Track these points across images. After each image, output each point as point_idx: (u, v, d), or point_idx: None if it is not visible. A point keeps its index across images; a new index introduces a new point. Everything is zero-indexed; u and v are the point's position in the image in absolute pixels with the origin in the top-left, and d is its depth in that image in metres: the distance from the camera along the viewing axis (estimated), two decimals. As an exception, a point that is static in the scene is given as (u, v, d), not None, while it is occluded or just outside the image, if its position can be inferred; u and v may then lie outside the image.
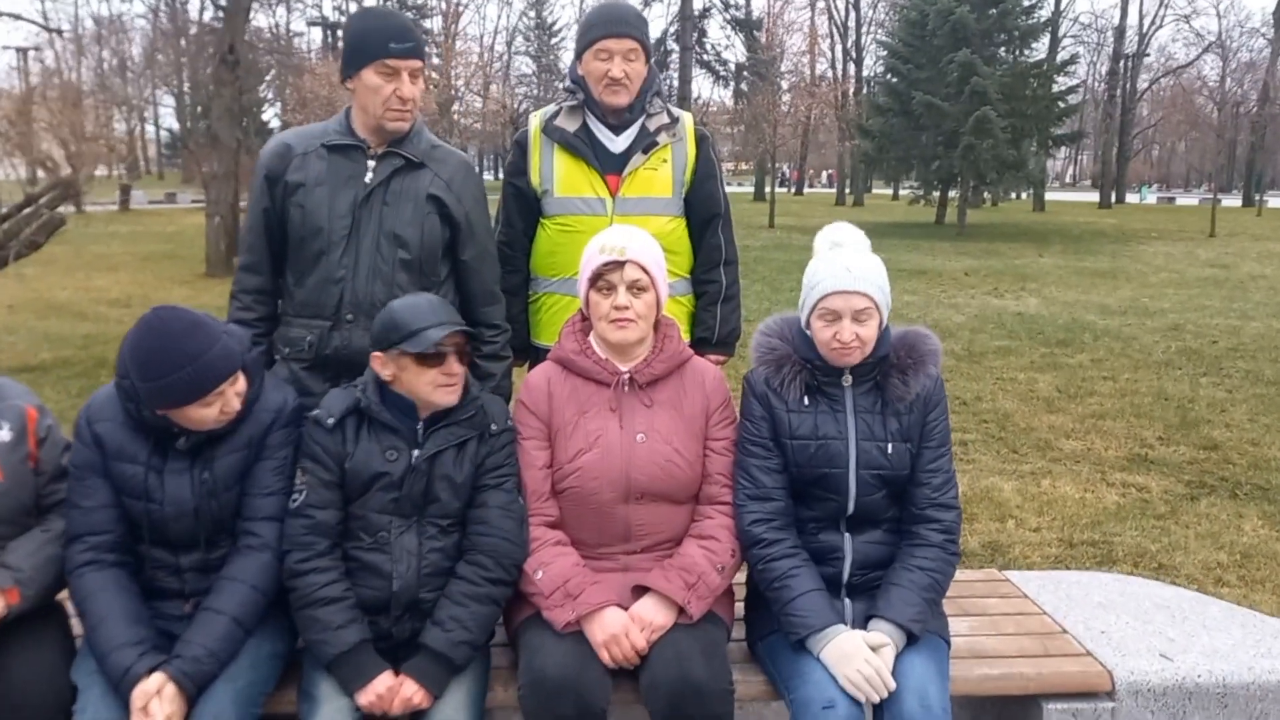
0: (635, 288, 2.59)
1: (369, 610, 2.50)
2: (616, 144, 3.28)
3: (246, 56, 19.78)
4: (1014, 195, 48.61)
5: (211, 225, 16.36)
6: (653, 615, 2.48)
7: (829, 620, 2.46)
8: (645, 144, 3.26)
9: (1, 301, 12.80)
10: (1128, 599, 3.27)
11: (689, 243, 3.39)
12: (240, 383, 2.45)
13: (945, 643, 2.60)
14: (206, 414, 2.38)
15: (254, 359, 2.55)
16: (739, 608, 2.85)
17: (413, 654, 2.47)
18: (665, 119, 3.30)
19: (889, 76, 32.03)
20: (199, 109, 46.19)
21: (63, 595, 2.54)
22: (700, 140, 3.36)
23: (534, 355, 3.45)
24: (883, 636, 2.43)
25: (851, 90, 48.31)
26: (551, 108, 3.38)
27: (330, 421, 2.53)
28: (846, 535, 2.64)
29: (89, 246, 19.62)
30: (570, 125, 3.29)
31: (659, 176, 3.29)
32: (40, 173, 12.09)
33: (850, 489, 2.59)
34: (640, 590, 2.55)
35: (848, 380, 2.61)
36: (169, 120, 59.34)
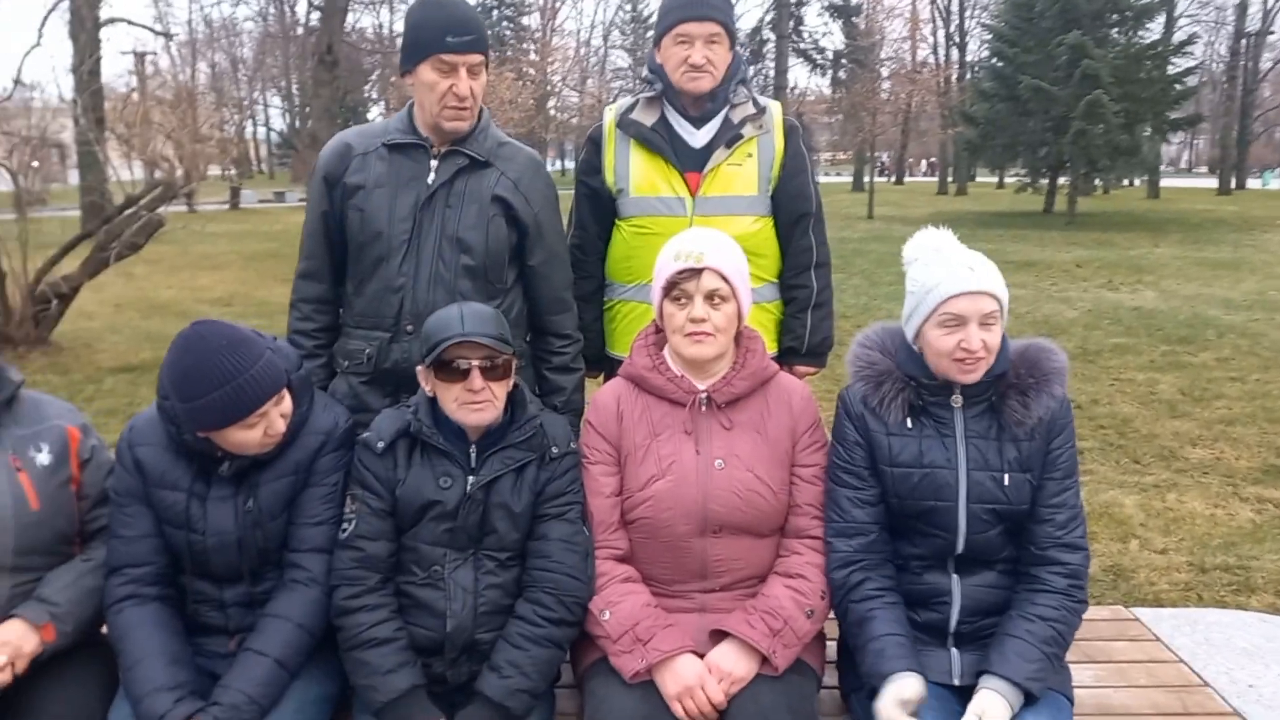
0: (714, 298, 2.33)
1: (422, 651, 2.30)
2: (697, 138, 3.02)
3: (347, 57, 20.07)
4: (1126, 182, 46.62)
5: (310, 224, 16.57)
6: (732, 665, 2.22)
7: (898, 667, 2.16)
8: (728, 137, 2.99)
9: (108, 300, 13.14)
10: (1278, 645, 2.88)
11: (776, 244, 3.12)
12: (286, 403, 2.26)
13: (1068, 700, 2.27)
14: (249, 437, 2.21)
15: (301, 378, 2.37)
16: (830, 648, 2.57)
17: (469, 700, 2.26)
18: (751, 109, 3.03)
19: (994, 61, 30.91)
20: (305, 109, 47.40)
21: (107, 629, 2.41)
22: (789, 131, 3.08)
23: (609, 367, 3.21)
24: (997, 703, 2.12)
25: (955, 76, 46.98)
26: (628, 100, 3.13)
27: (380, 445, 2.33)
28: (955, 577, 2.33)
29: (196, 246, 20.11)
30: (647, 119, 3.04)
31: (743, 173, 3.02)
32: (157, 173, 12.36)
33: (960, 525, 2.29)
34: (719, 635, 2.29)
35: (958, 401, 2.30)
36: (278, 121, 61.07)
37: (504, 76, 31.54)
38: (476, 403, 2.27)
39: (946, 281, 2.25)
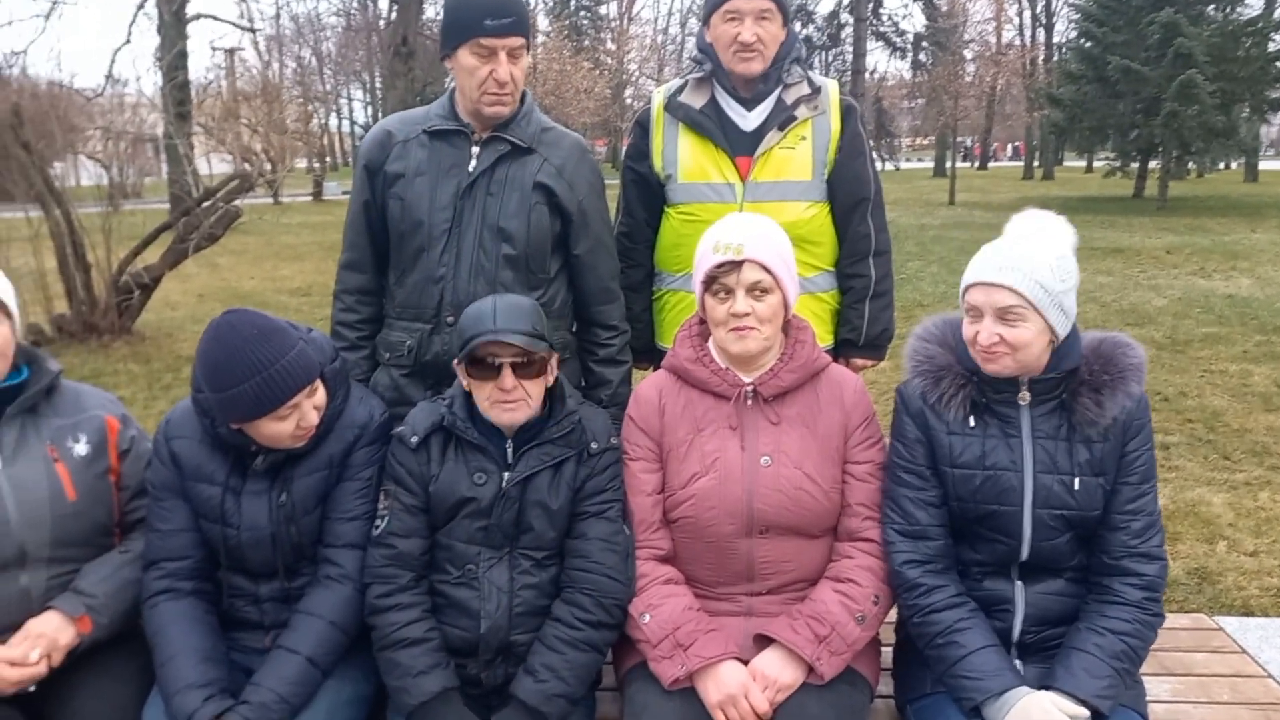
0: (756, 290, 2.21)
1: (457, 653, 2.24)
2: (748, 120, 2.89)
3: (423, 48, 20.23)
4: (1221, 165, 44.82)
5: (389, 214, 16.75)
6: (777, 672, 2.11)
7: (1009, 683, 2.02)
8: (781, 119, 2.85)
9: (192, 290, 13.45)
10: (1379, 659, 2.67)
11: (833, 231, 2.97)
12: (319, 395, 2.21)
13: (1142, 718, 2.11)
14: (281, 429, 2.16)
15: (336, 369, 2.32)
16: (885, 654, 2.44)
17: (505, 703, 2.19)
18: (805, 89, 2.88)
19: (1082, 41, 29.92)
20: (383, 102, 48.11)
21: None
22: (846, 112, 2.93)
23: (658, 359, 3.11)
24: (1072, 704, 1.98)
25: (1041, 57, 45.67)
26: (677, 82, 3.01)
27: (414, 440, 2.27)
28: (1018, 584, 2.18)
29: (280, 237, 20.53)
30: (696, 101, 2.92)
31: (797, 156, 2.88)
32: (246, 165, 12.67)
33: (1024, 531, 2.14)
34: (764, 640, 2.19)
35: (1025, 398, 2.15)
36: (360, 114, 62.15)
37: (580, 66, 31.57)
38: (508, 402, 2.20)
39: (969, 270, 2.14)
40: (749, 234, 2.22)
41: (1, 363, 2.20)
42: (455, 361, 2.25)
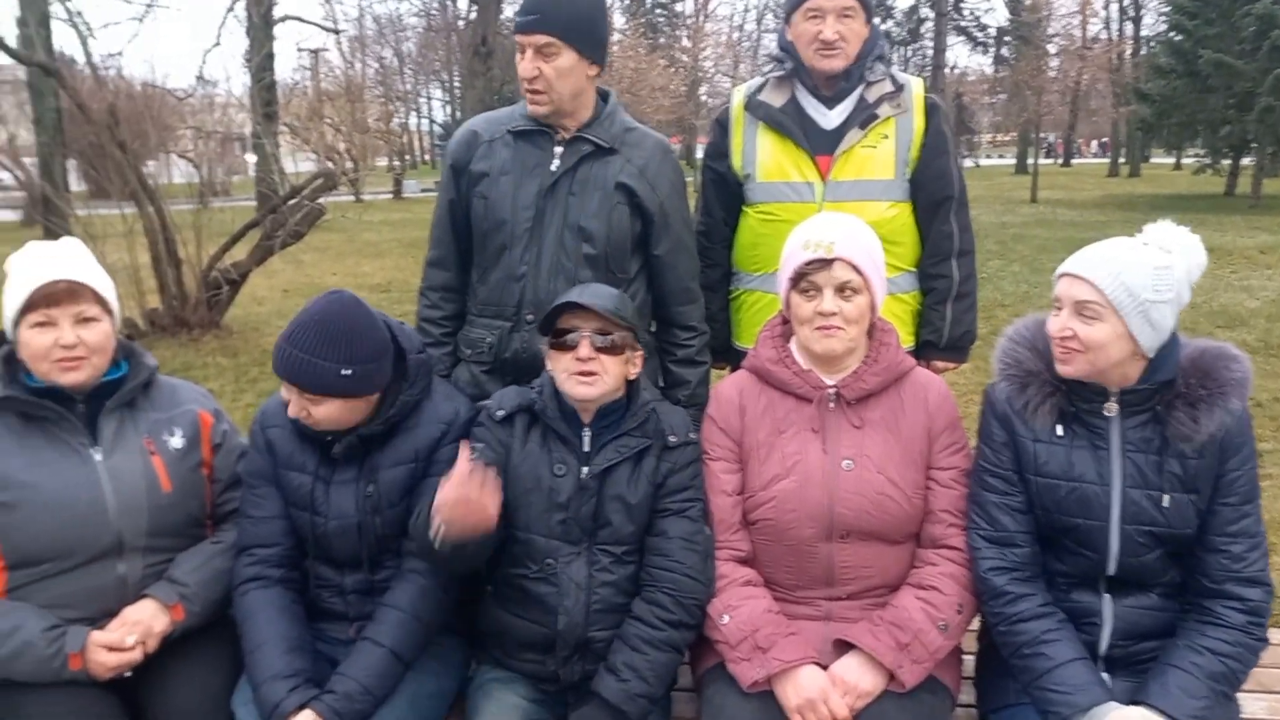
0: (845, 290, 2.19)
1: (533, 648, 2.26)
2: (829, 119, 2.86)
3: (502, 48, 20.45)
4: (1325, 161, 43.06)
5: (467, 213, 16.94)
6: (857, 678, 2.09)
7: (1097, 697, 1.97)
8: (863, 118, 2.82)
9: (278, 286, 13.77)
10: None
11: (915, 231, 2.93)
12: (320, 410, 2.22)
13: (1236, 738, 2.05)
14: (294, 401, 2.24)
15: (420, 360, 2.36)
16: (967, 663, 2.39)
17: (583, 700, 2.21)
18: (888, 87, 2.84)
19: (1171, 34, 29.02)
20: (462, 101, 48.70)
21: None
22: (930, 110, 2.88)
23: (735, 359, 3.10)
24: None
25: (1128, 51, 44.40)
26: (757, 80, 2.99)
27: (500, 414, 2.30)
28: (1106, 597, 2.12)
29: (361, 234, 20.90)
30: (776, 99, 2.89)
31: (879, 155, 2.84)
32: (329, 164, 12.96)
33: (1111, 547, 2.08)
34: (843, 646, 2.16)
35: (1112, 409, 2.08)
36: (439, 113, 63.02)
37: (655, 63, 31.57)
38: (585, 374, 2.21)
39: (1063, 262, 2.08)
40: (841, 232, 2.20)
41: (102, 358, 2.28)
42: (545, 342, 2.29)
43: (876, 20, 2.89)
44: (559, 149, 2.70)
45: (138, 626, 2.21)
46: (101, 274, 2.31)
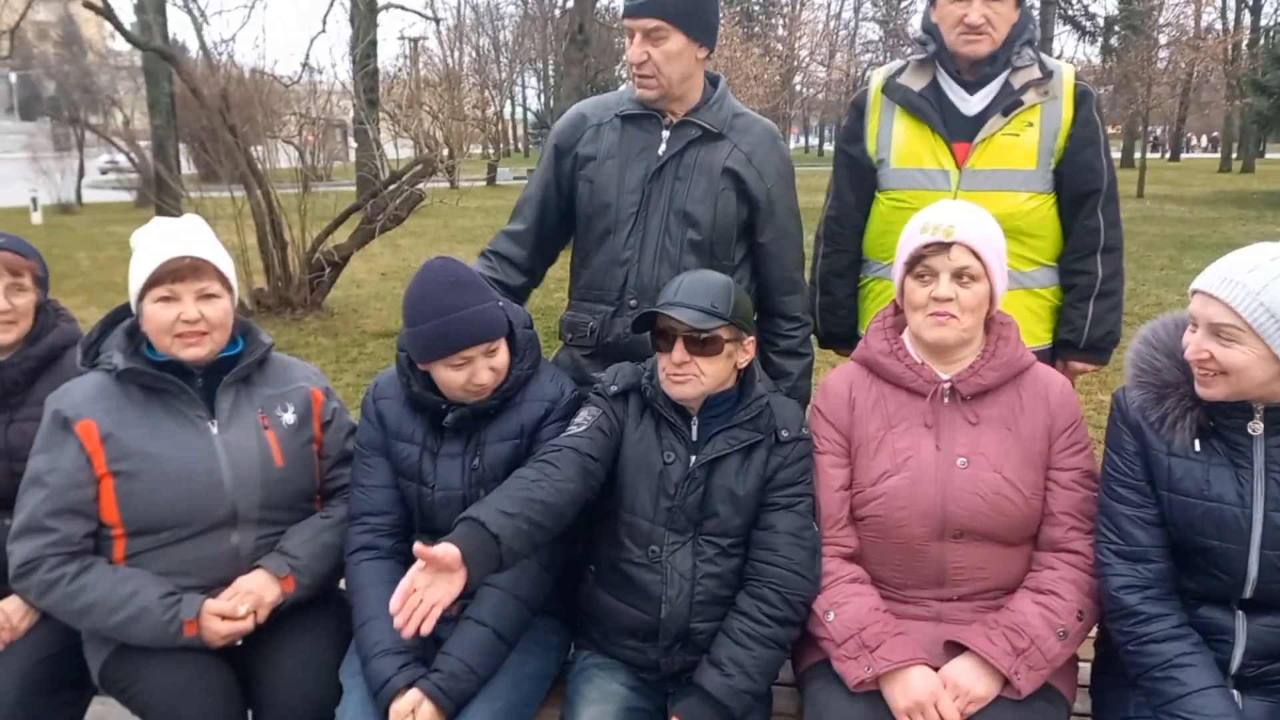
0: (963, 276, 2.11)
1: (633, 635, 2.24)
2: (971, 105, 2.76)
3: (598, 36, 20.51)
4: None
5: (560, 200, 17.07)
6: (970, 683, 2.02)
7: None
8: (1007, 104, 2.71)
9: (375, 269, 14.06)
10: None
11: (1056, 224, 2.81)
12: (498, 358, 2.26)
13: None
14: (453, 378, 2.23)
15: (529, 335, 2.37)
16: (1083, 671, 2.30)
17: (682, 690, 2.19)
18: (1035, 73, 2.73)
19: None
20: (557, 89, 49.07)
21: (344, 584, 2.50)
22: (1081, 99, 2.75)
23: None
24: None
25: (1245, 42, 42.51)
26: (897, 63, 2.90)
27: (614, 389, 2.29)
28: (1239, 614, 2.00)
29: (456, 220, 21.21)
30: (916, 83, 2.81)
31: (1020, 144, 2.73)
32: (427, 150, 13.21)
33: (1250, 571, 1.95)
34: (953, 649, 2.10)
35: (1257, 428, 1.95)
36: (534, 101, 63.56)
37: (750, 52, 31.31)
38: (678, 375, 2.18)
39: (1202, 274, 1.94)
40: (961, 217, 2.13)
41: (222, 334, 2.33)
42: (636, 332, 2.29)
43: (1029, 1, 2.77)
44: (666, 133, 2.68)
45: (249, 596, 2.26)
46: (223, 252, 2.36)
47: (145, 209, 23.56)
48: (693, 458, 2.21)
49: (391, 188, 10.19)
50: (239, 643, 2.27)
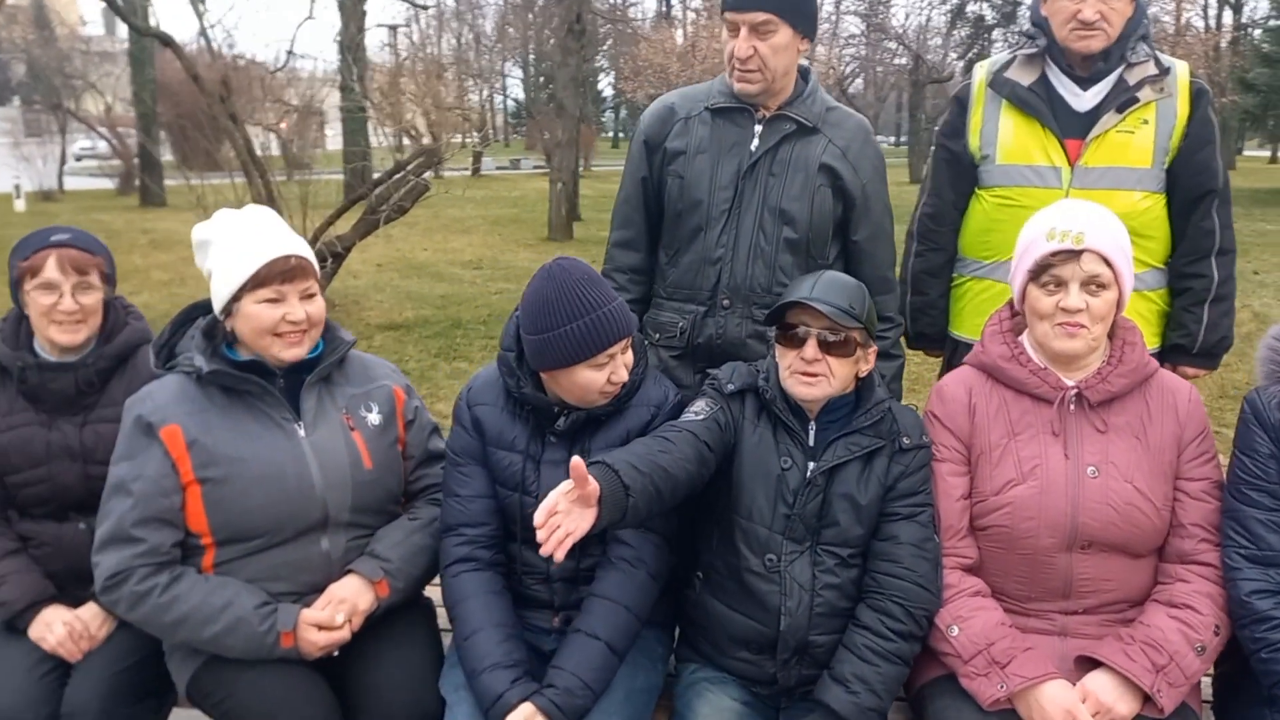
0: (1093, 285, 2.04)
1: (750, 647, 2.17)
2: (1083, 100, 2.69)
3: (593, 25, 20.43)
4: None
5: (555, 191, 16.99)
6: (1113, 700, 1.95)
7: None
8: (1121, 100, 2.64)
9: (371, 260, 13.91)
10: None
11: (1167, 225, 2.75)
12: (630, 354, 2.19)
13: None
14: (594, 378, 2.14)
15: (639, 341, 2.28)
16: (1204, 686, 2.25)
17: (801, 705, 2.13)
18: (1151, 69, 2.66)
19: (1271, 20, 27.91)
20: (541, 79, 48.68)
21: (430, 593, 2.41)
22: (1197, 96, 2.69)
23: (951, 348, 2.96)
24: None
25: (1226, 41, 42.82)
26: (1003, 56, 2.83)
27: (731, 388, 2.21)
28: (1378, 622, 1.96)
29: (446, 210, 21.04)
30: (1025, 77, 2.73)
31: (1136, 141, 2.66)
32: (405, 140, 13.08)
33: None
34: (1085, 664, 2.03)
35: None
36: (515, 91, 63.19)
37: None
38: (809, 375, 2.10)
39: None
40: (1090, 221, 2.06)
41: (318, 331, 2.25)
42: (768, 325, 2.22)
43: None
44: (759, 127, 2.60)
45: (345, 604, 2.18)
46: (308, 247, 2.27)
47: (128, 196, 23.26)
48: (810, 464, 2.14)
49: (396, 177, 10.04)
50: (335, 653, 2.18)
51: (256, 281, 2.12)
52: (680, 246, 2.66)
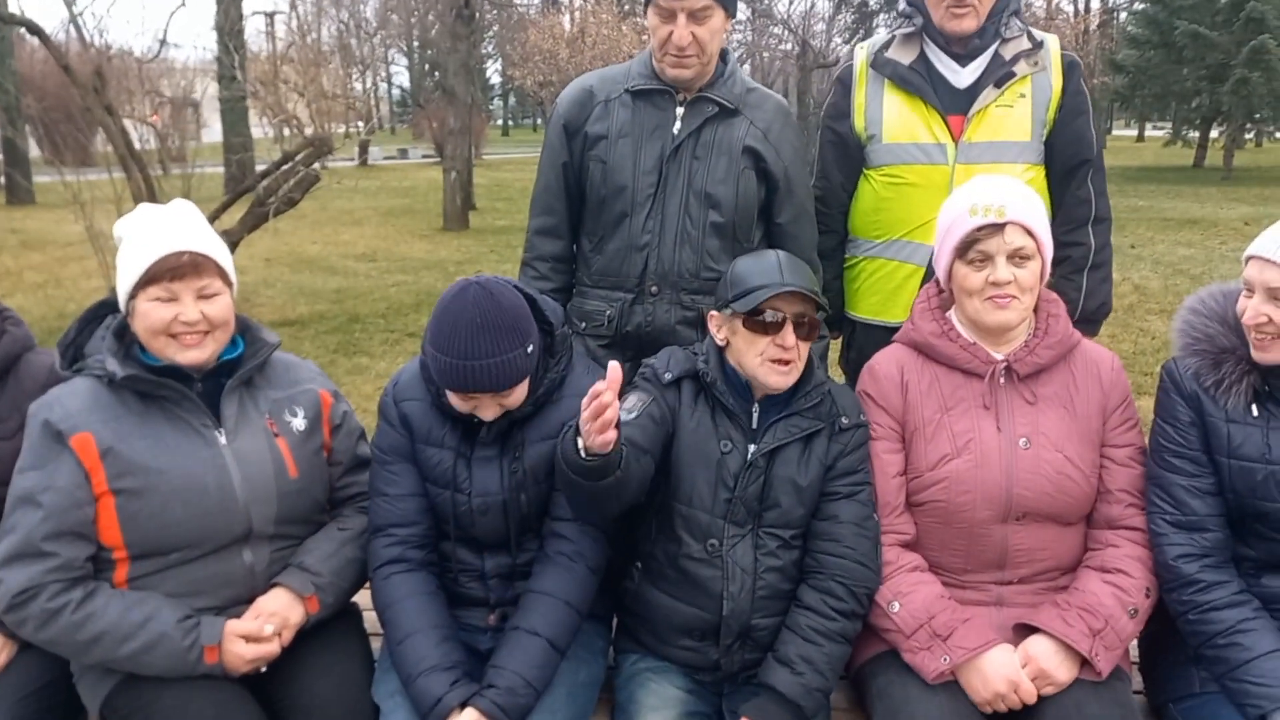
0: (1018, 257, 2.07)
1: (693, 634, 2.14)
2: (962, 77, 2.72)
3: (481, 11, 20.09)
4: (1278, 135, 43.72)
5: (448, 181, 16.68)
6: (1054, 666, 1.99)
7: None
8: (999, 75, 2.68)
9: (258, 255, 13.43)
10: None
11: (1047, 197, 2.80)
12: (512, 397, 2.09)
13: None
14: (459, 405, 2.10)
15: (564, 336, 2.23)
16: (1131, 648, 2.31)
17: (743, 690, 2.12)
18: (1025, 44, 2.71)
19: (1145, 5, 29.14)
20: (427, 67, 47.80)
21: (357, 597, 2.32)
22: (1069, 69, 2.75)
23: (848, 329, 2.98)
24: None
25: (1095, 25, 44.61)
26: (883, 36, 2.85)
27: (668, 377, 2.16)
28: (1298, 580, 2.04)
29: (334, 201, 20.47)
30: (905, 56, 2.75)
31: (1014, 115, 2.71)
32: (286, 131, 12.67)
33: None
34: (1023, 631, 2.07)
35: None
36: (401, 78, 61.95)
37: (625, 34, 31.18)
38: (784, 361, 2.08)
39: (1255, 240, 1.98)
40: (1010, 195, 2.09)
41: (224, 334, 2.12)
42: (719, 311, 2.16)
43: None
44: (680, 110, 2.57)
45: (274, 618, 2.07)
46: (221, 244, 2.15)
47: (-8, 192, 21.99)
48: (751, 446, 2.12)
49: (286, 168, 9.71)
50: (263, 669, 2.08)
51: (147, 279, 2.00)
52: (605, 233, 2.61)
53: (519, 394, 2.10)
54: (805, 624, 2.07)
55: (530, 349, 2.04)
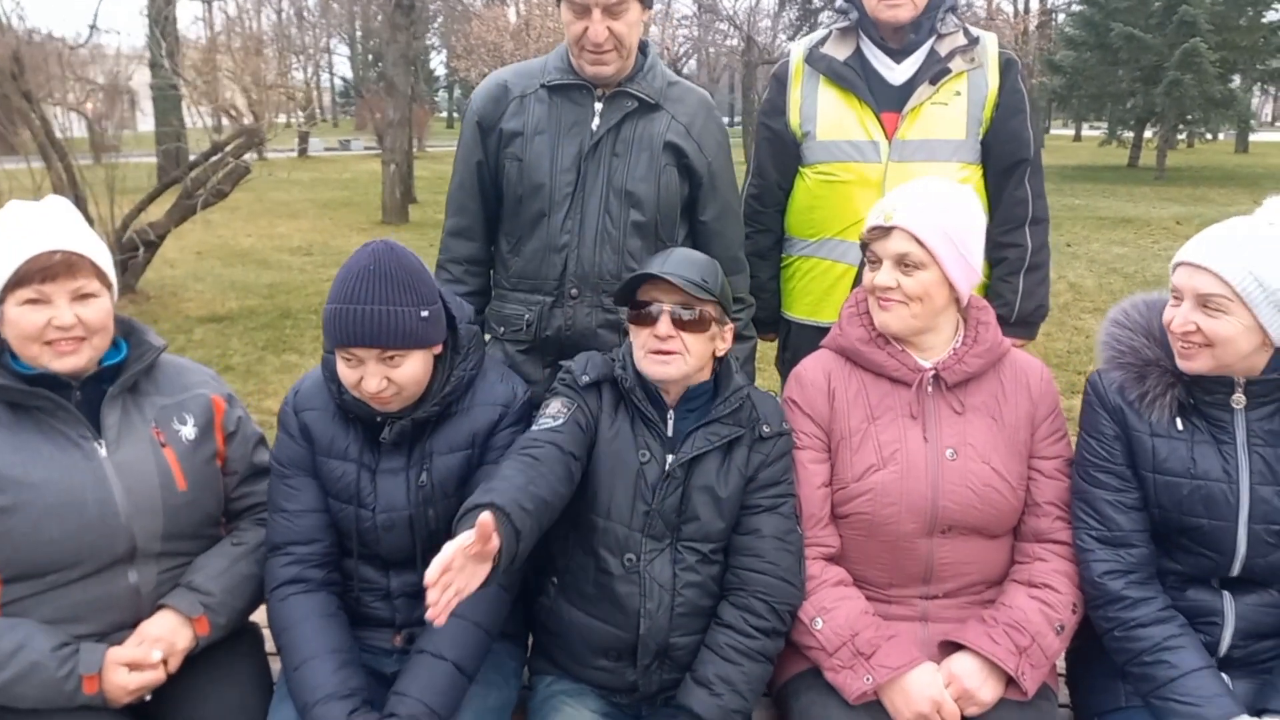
0: (903, 264, 2.01)
1: (608, 655, 2.05)
2: (897, 73, 2.65)
3: (421, 3, 19.73)
4: (1211, 136, 44.80)
5: (388, 173, 16.38)
6: (977, 685, 1.93)
7: (1228, 709, 1.84)
8: (934, 72, 2.62)
9: (189, 248, 13.08)
10: None
11: (985, 196, 2.74)
12: (400, 371, 1.94)
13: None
14: (345, 375, 1.97)
15: (473, 334, 2.11)
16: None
17: (660, 713, 2.03)
18: (961, 40, 2.64)
19: (1073, 6, 29.65)
20: (369, 57, 47.11)
21: (256, 615, 2.19)
22: (1006, 67, 2.69)
23: (785, 330, 2.90)
24: None
25: (1034, 26, 45.28)
26: (819, 33, 2.77)
27: (585, 379, 2.07)
28: (1226, 594, 1.99)
29: (270, 193, 20.06)
30: (841, 52, 2.68)
31: (949, 113, 2.64)
32: (225, 121, 12.35)
33: (1238, 548, 1.93)
34: (948, 648, 2.01)
35: (1239, 401, 1.93)
36: (343, 69, 60.95)
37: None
38: (663, 352, 1.99)
39: (1183, 247, 1.92)
40: (907, 201, 2.02)
41: (103, 339, 1.98)
42: (619, 305, 2.11)
43: None
44: (599, 105, 2.46)
45: (160, 643, 1.94)
46: (98, 242, 2.01)
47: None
48: (669, 456, 2.03)
49: (215, 159, 9.44)
50: (147, 698, 1.94)
51: (15, 281, 1.85)
52: (523, 234, 2.50)
53: (411, 370, 1.96)
54: (724, 642, 1.98)
55: (426, 314, 1.93)
